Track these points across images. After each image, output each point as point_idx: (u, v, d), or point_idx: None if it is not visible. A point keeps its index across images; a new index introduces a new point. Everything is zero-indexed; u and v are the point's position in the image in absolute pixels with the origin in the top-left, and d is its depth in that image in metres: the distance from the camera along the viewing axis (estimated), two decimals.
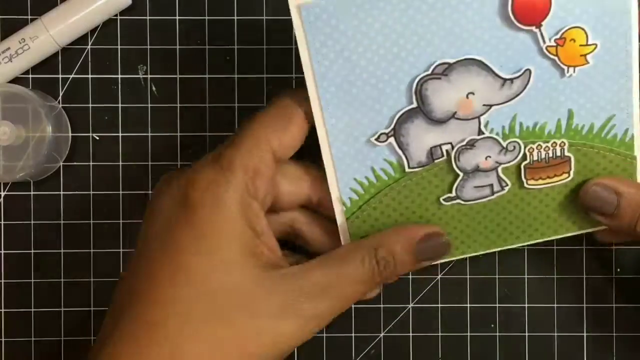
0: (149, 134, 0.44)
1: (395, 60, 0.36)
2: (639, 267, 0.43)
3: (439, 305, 0.44)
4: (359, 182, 0.38)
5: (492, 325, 0.44)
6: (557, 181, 0.38)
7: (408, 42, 0.36)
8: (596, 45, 0.36)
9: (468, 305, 0.44)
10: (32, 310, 0.44)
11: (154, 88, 0.43)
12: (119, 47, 0.43)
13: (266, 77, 0.43)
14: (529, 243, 0.40)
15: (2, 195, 0.44)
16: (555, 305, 0.43)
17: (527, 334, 0.44)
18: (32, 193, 0.44)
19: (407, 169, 0.38)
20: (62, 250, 0.44)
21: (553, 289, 0.44)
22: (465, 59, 0.36)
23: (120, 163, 0.43)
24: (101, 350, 0.33)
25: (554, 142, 0.37)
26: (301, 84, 0.37)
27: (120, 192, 0.44)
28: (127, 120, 0.43)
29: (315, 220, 0.39)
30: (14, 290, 0.44)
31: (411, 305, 0.44)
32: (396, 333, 0.44)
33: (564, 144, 0.37)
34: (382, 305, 0.44)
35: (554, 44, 0.36)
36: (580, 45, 0.36)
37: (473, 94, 0.36)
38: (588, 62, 0.36)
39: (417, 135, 0.37)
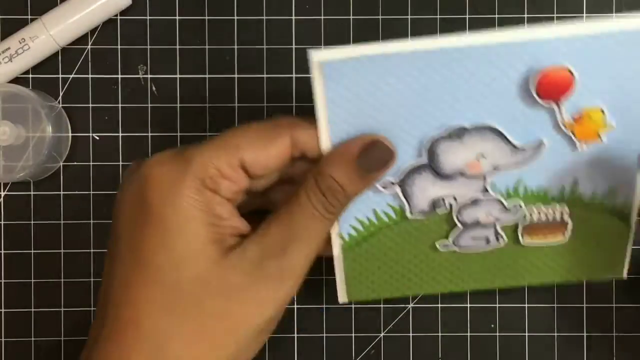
0: (149, 134, 0.44)
1: (410, 117, 0.35)
2: (639, 267, 0.43)
3: (439, 305, 0.44)
4: (360, 220, 0.38)
5: (492, 325, 0.44)
6: (552, 241, 0.39)
7: (426, 103, 0.35)
8: (613, 126, 0.36)
9: (468, 305, 0.44)
10: (32, 310, 0.44)
11: (154, 88, 0.43)
12: (119, 47, 0.43)
13: (266, 77, 0.43)
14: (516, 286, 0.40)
15: (2, 195, 0.44)
16: (555, 305, 0.44)
17: (527, 334, 0.44)
18: (32, 193, 0.44)
19: (408, 215, 0.38)
20: (62, 250, 0.44)
21: (553, 289, 0.44)
22: (482, 126, 0.35)
23: (120, 163, 0.44)
24: (92, 351, 0.33)
25: (555, 208, 0.38)
26: (301, 83, 0.37)
27: None
28: (127, 120, 0.43)
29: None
30: (14, 290, 0.44)
31: (411, 305, 0.44)
32: (396, 333, 0.44)
33: (565, 210, 0.38)
34: (382, 305, 0.44)
35: (572, 121, 0.36)
36: (597, 125, 0.36)
37: (484, 157, 0.36)
38: (602, 141, 0.36)
39: (423, 187, 0.37)
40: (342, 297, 0.40)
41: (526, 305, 0.44)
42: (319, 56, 0.34)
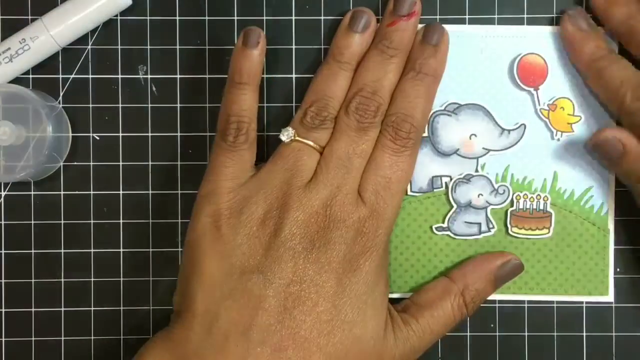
0: (149, 134, 0.44)
1: None
2: (638, 267, 0.43)
3: None
4: None
5: (492, 325, 0.44)
6: (538, 234, 0.43)
7: None
8: (580, 117, 0.42)
9: None
10: (32, 310, 0.44)
11: (154, 88, 0.44)
12: (119, 47, 0.43)
13: (266, 77, 0.43)
14: (504, 297, 0.43)
15: (2, 195, 0.44)
16: (555, 305, 0.43)
17: (527, 334, 0.44)
18: (32, 193, 0.44)
19: (408, 192, 0.43)
20: (62, 250, 0.44)
21: None
22: (473, 104, 0.42)
23: (120, 163, 0.44)
24: None
25: (539, 195, 0.43)
26: (301, 83, 0.37)
27: (121, 192, 0.44)
28: (127, 120, 0.44)
29: None
30: (14, 290, 0.44)
31: None
32: None
33: (548, 198, 0.42)
34: None
35: (547, 108, 0.42)
36: (568, 115, 0.42)
37: (475, 136, 0.43)
38: (573, 131, 0.42)
39: (423, 162, 0.43)
40: None
41: (526, 305, 0.44)
42: None
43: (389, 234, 0.40)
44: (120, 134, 0.44)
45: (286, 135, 0.40)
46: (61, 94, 0.44)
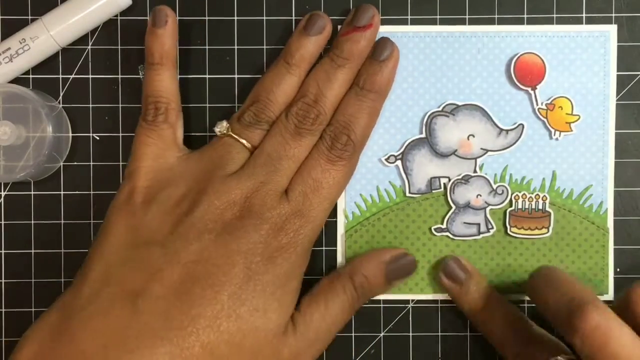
0: None
1: (414, 95, 0.43)
2: (638, 267, 0.43)
3: (439, 305, 0.44)
4: (364, 198, 0.43)
5: None
6: (537, 234, 0.43)
7: (427, 82, 0.43)
8: (579, 116, 0.42)
9: None
10: (32, 310, 0.44)
11: None
12: (119, 47, 0.43)
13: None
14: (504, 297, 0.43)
15: (2, 195, 0.44)
16: None
17: None
18: (32, 193, 0.44)
19: (407, 194, 0.43)
20: (62, 250, 0.44)
21: None
22: (471, 104, 0.43)
23: (120, 163, 0.44)
24: None
25: (538, 195, 0.42)
26: None
27: None
28: (127, 120, 0.44)
29: None
30: (14, 290, 0.44)
31: (411, 305, 0.44)
32: (396, 333, 0.44)
33: (546, 197, 0.43)
34: (382, 305, 0.44)
35: (545, 108, 0.42)
36: (567, 114, 0.42)
37: (473, 136, 0.43)
38: (572, 130, 0.42)
39: (421, 164, 0.43)
40: None
41: (526, 305, 0.44)
42: None
43: (313, 238, 0.40)
44: (120, 134, 0.44)
45: (219, 128, 0.40)
46: (61, 94, 0.44)
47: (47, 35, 0.42)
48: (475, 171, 0.43)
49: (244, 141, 0.40)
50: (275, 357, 0.38)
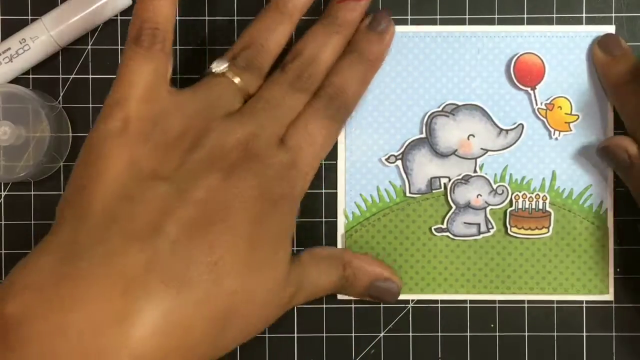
0: None
1: (414, 95, 0.43)
2: (638, 267, 0.44)
3: (439, 305, 0.44)
4: (364, 198, 0.43)
5: (492, 325, 0.44)
6: (537, 234, 0.43)
7: (427, 82, 0.43)
8: (578, 116, 0.43)
9: (468, 305, 0.44)
10: None
11: None
12: (119, 47, 0.44)
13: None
14: (504, 297, 0.43)
15: (2, 195, 0.44)
16: (555, 305, 0.44)
17: (527, 333, 0.44)
18: (32, 193, 0.44)
19: (407, 194, 0.43)
20: None
21: None
22: (471, 104, 0.43)
23: None
24: None
25: (538, 195, 0.43)
26: None
27: None
28: None
29: None
30: None
31: (411, 305, 0.44)
32: (396, 333, 0.44)
33: (547, 197, 0.43)
34: (382, 305, 0.44)
35: (544, 107, 0.43)
36: (566, 114, 0.43)
37: (473, 136, 0.43)
38: (571, 130, 0.43)
39: (421, 164, 0.43)
40: None
41: (526, 305, 0.44)
42: None
43: (302, 193, 0.39)
44: None
45: (220, 67, 0.39)
46: (61, 94, 0.44)
47: (47, 35, 0.42)
48: (475, 171, 0.43)
49: (240, 83, 0.39)
50: (280, 300, 0.38)
